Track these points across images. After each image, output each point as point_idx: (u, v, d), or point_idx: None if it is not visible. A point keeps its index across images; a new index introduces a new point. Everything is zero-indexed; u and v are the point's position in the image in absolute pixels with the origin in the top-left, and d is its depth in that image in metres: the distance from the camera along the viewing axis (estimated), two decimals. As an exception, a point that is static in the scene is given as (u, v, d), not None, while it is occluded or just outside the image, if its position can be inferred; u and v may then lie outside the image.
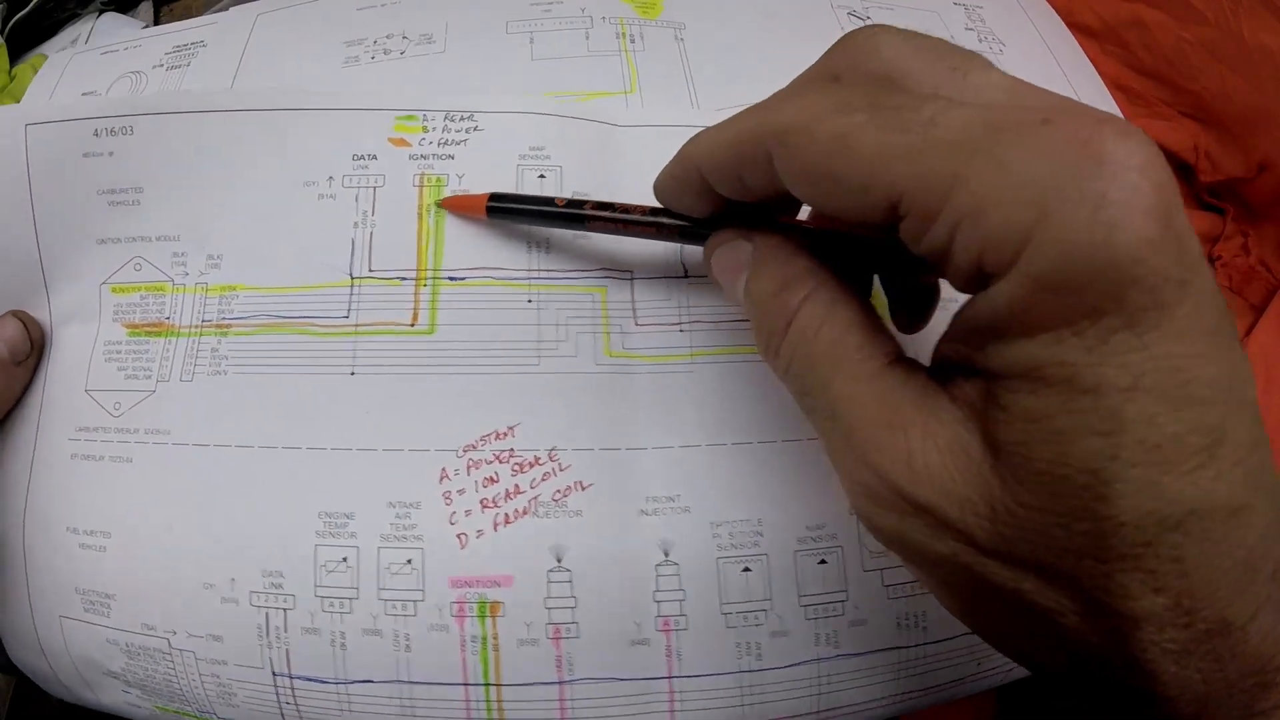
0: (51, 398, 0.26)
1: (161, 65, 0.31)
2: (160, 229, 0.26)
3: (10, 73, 0.36)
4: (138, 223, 0.26)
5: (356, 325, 0.25)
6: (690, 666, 0.24)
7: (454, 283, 0.25)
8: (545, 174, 0.27)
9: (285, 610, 0.24)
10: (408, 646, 0.23)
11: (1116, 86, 0.35)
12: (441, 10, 0.31)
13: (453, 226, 0.26)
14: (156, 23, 0.40)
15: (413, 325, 0.25)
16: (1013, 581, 0.14)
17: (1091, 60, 0.36)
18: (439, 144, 0.27)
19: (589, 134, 0.27)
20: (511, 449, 0.24)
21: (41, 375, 0.27)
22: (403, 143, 0.27)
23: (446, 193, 0.27)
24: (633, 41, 0.30)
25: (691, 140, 0.18)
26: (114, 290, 0.26)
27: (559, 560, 0.23)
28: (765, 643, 0.24)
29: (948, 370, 0.15)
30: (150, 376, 0.26)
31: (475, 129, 0.27)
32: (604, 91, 0.28)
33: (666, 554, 0.24)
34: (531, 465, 0.24)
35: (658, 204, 0.21)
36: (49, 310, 0.27)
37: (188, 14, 0.39)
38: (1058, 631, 0.14)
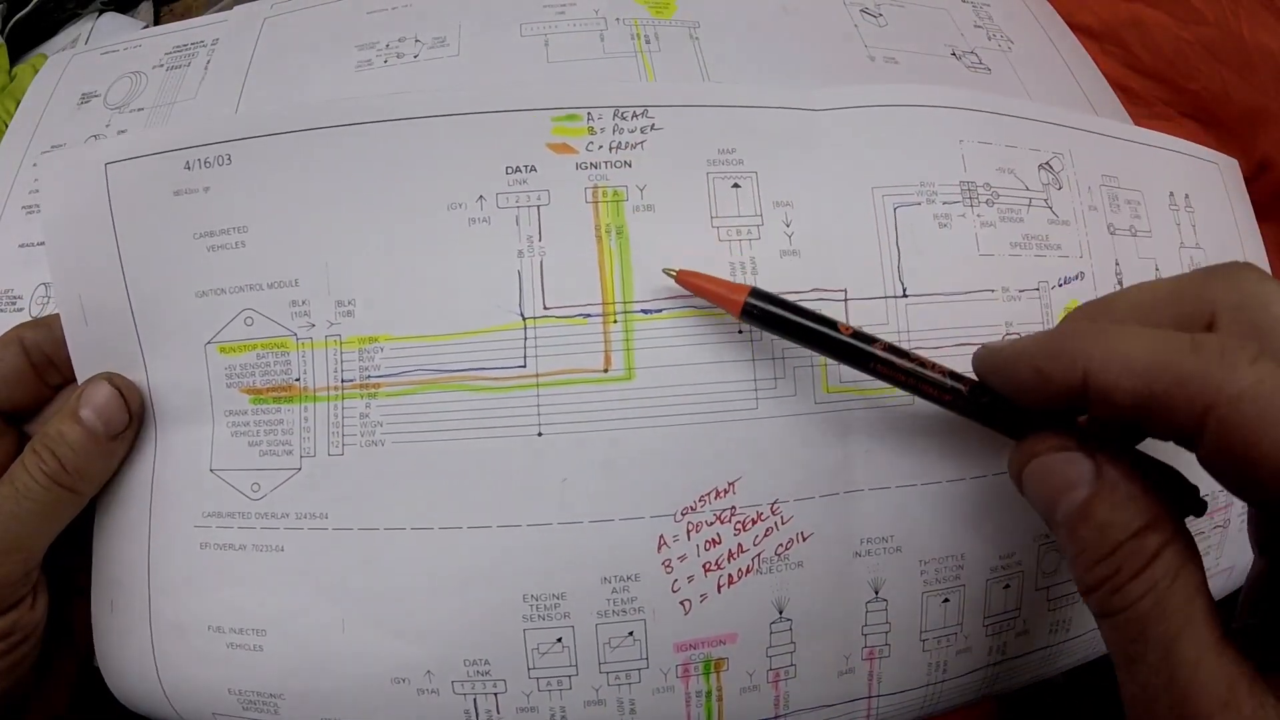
0: (165, 479, 0.20)
1: (161, 65, 0.28)
2: (272, 274, 0.20)
3: (10, 73, 0.33)
4: (244, 269, 0.20)
5: (538, 376, 0.20)
6: (888, 686, 0.23)
7: (649, 316, 0.21)
8: (740, 183, 0.22)
9: (496, 694, 0.21)
10: (632, 710, 0.21)
11: (1117, 87, 0.35)
12: (454, 13, 0.27)
13: (640, 248, 0.21)
14: (156, 23, 0.38)
15: (606, 371, 0.21)
16: None
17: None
18: (611, 148, 0.21)
19: (782, 125, 0.22)
20: (733, 507, 0.21)
21: (147, 452, 0.20)
22: (566, 149, 0.21)
23: (628, 209, 0.22)
24: (648, 42, 0.27)
25: (1083, 338, 0.16)
26: (222, 350, 0.20)
27: (780, 612, 0.21)
28: (951, 660, 0.23)
29: (1266, 650, 0.15)
30: (291, 451, 0.20)
31: (652, 127, 0.21)
32: None
33: (876, 592, 0.22)
34: (754, 522, 0.21)
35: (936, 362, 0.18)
36: (146, 374, 0.20)
37: (188, 14, 0.37)
38: None
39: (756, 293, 0.19)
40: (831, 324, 0.19)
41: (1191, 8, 0.38)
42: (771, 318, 0.19)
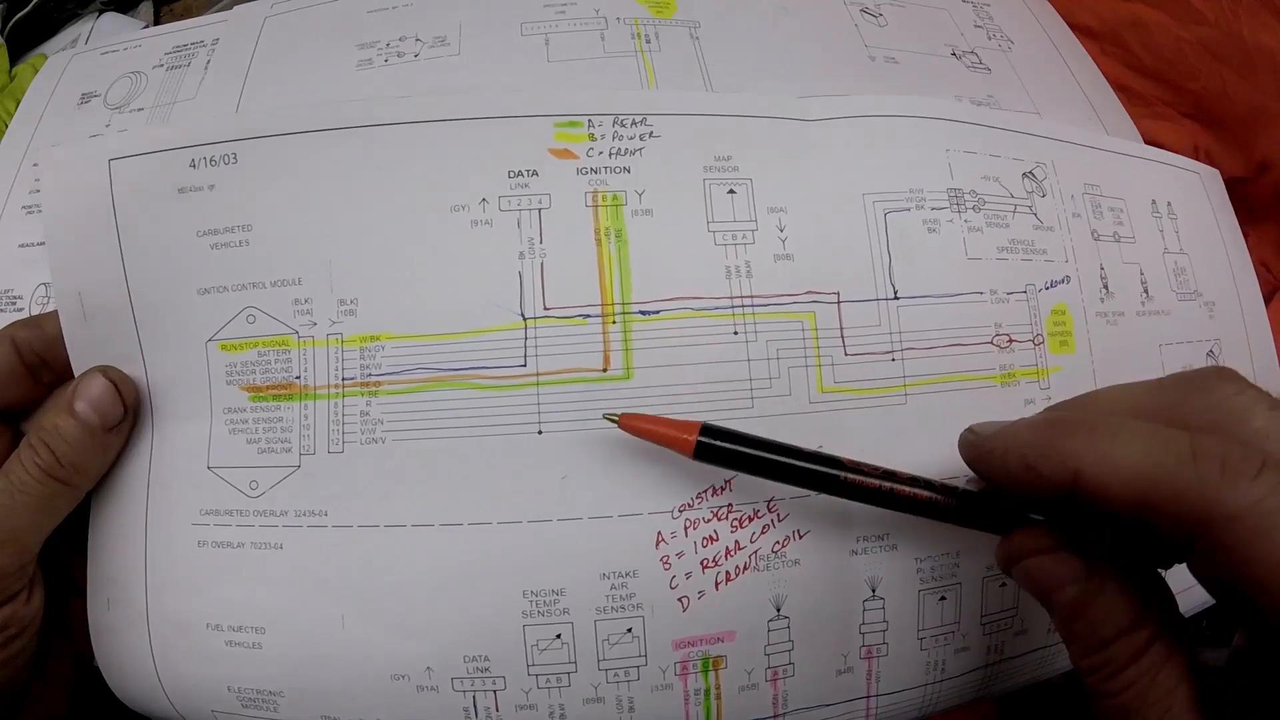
0: (162, 476, 0.20)
1: (161, 65, 0.28)
2: (275, 273, 0.20)
3: (10, 73, 0.33)
4: (247, 267, 0.20)
5: (538, 375, 0.20)
6: (887, 686, 0.23)
7: (647, 317, 0.21)
8: (735, 189, 0.22)
9: (495, 691, 0.21)
10: (631, 708, 0.21)
11: (1117, 87, 0.35)
12: (454, 13, 0.28)
13: (639, 251, 0.21)
14: (156, 23, 0.38)
15: (605, 370, 0.21)
16: None
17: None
18: (610, 154, 0.21)
19: (776, 135, 0.23)
20: (730, 504, 0.21)
21: (144, 448, 0.20)
22: (567, 154, 0.21)
23: (627, 213, 0.22)
24: (648, 42, 0.27)
25: (1076, 442, 0.16)
26: (223, 348, 0.20)
27: (778, 610, 0.22)
28: (950, 659, 0.24)
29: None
30: (290, 449, 0.20)
31: (651, 134, 0.21)
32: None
33: (874, 590, 0.22)
34: (750, 519, 0.21)
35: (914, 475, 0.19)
36: (145, 371, 0.20)
37: (188, 14, 0.36)
38: None
39: (709, 429, 0.18)
40: (793, 451, 0.19)
41: (1191, 8, 0.38)
42: (726, 454, 0.19)
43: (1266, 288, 0.40)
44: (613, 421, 0.19)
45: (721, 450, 0.19)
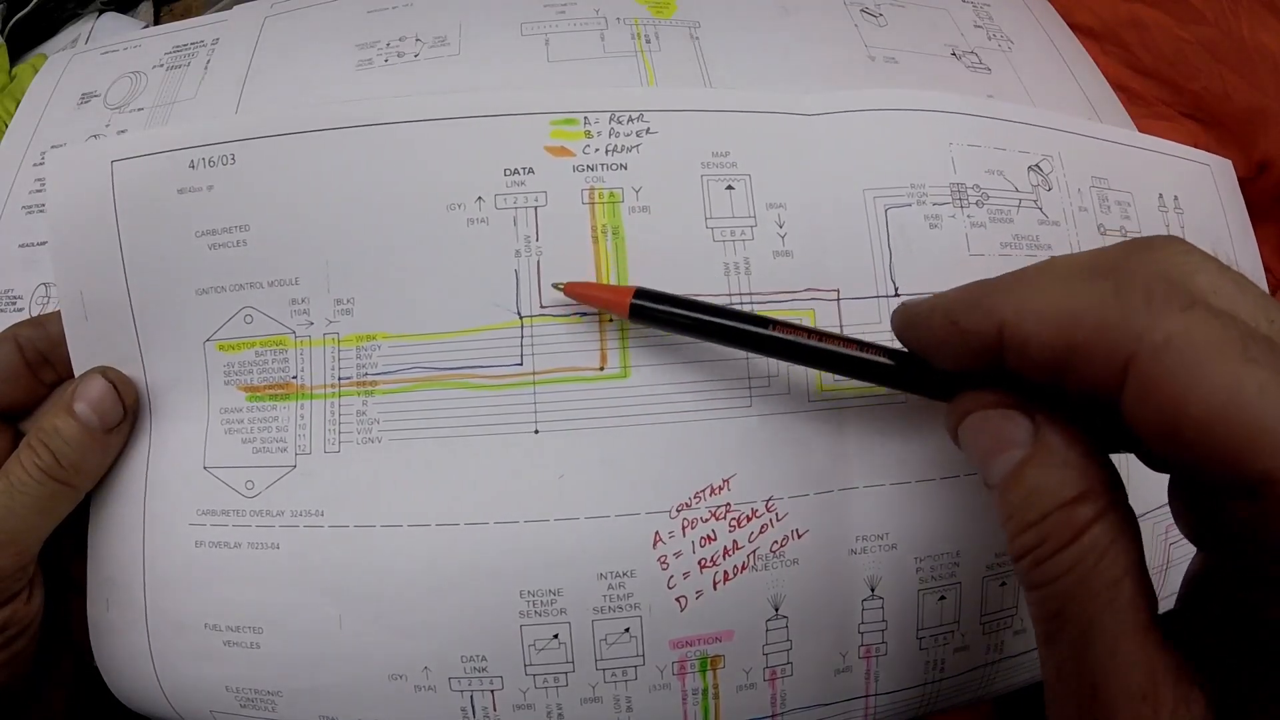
0: (160, 477, 0.20)
1: (161, 65, 0.28)
2: (273, 272, 0.20)
3: (10, 73, 0.33)
4: (245, 267, 0.20)
5: (535, 374, 0.21)
6: (885, 685, 0.24)
7: (645, 316, 0.22)
8: (733, 184, 0.22)
9: (493, 691, 0.21)
10: (629, 708, 0.21)
11: (1117, 87, 0.35)
12: (454, 13, 0.28)
13: (636, 248, 0.21)
14: (156, 23, 0.38)
15: (602, 369, 0.21)
16: None
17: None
18: (607, 151, 0.21)
19: (775, 130, 0.23)
20: (728, 504, 0.21)
21: (142, 449, 0.21)
22: (563, 151, 0.21)
23: (624, 210, 0.22)
24: (648, 42, 0.27)
25: (998, 292, 0.15)
26: (221, 348, 0.20)
27: (776, 609, 0.22)
28: (949, 658, 0.24)
29: (1194, 641, 0.14)
30: (286, 449, 0.20)
31: (648, 131, 0.22)
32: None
33: (873, 590, 0.22)
34: (749, 519, 0.21)
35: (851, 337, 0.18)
36: (144, 371, 0.20)
37: (188, 14, 0.37)
38: None
39: (641, 292, 0.19)
40: (723, 311, 0.19)
41: (1191, 8, 0.38)
42: (659, 314, 0.19)
43: (1267, 288, 0.40)
44: (558, 289, 0.20)
45: (654, 311, 0.19)
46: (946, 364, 0.17)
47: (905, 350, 0.18)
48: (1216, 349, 0.12)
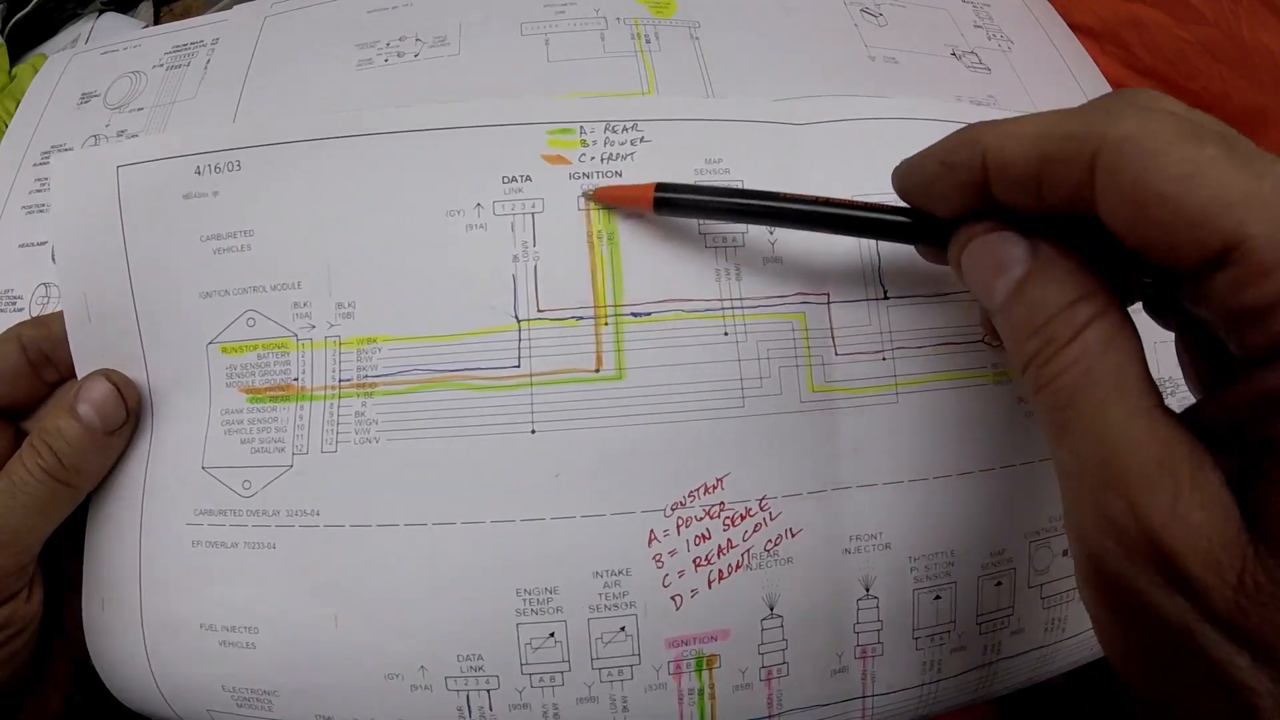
0: (158, 477, 0.21)
1: (161, 65, 0.28)
2: (276, 277, 0.20)
3: (10, 73, 0.33)
4: (249, 271, 0.20)
5: (531, 375, 0.21)
6: (882, 686, 0.24)
7: (639, 319, 0.21)
8: None
9: (489, 691, 0.21)
10: (625, 708, 0.21)
11: (1117, 87, 0.35)
12: (454, 12, 0.28)
13: (630, 254, 0.21)
14: (156, 23, 0.38)
15: (597, 371, 0.21)
16: (1226, 655, 0.13)
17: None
18: (602, 159, 0.22)
19: (767, 138, 0.23)
20: (722, 503, 0.21)
21: (141, 449, 0.21)
22: (560, 160, 0.22)
23: (619, 216, 0.22)
24: (648, 42, 0.27)
25: (982, 127, 0.16)
26: (224, 350, 0.20)
27: (771, 609, 0.22)
28: (945, 659, 0.24)
29: (1208, 433, 0.14)
30: (284, 449, 0.20)
31: (642, 139, 0.22)
32: (622, 93, 0.26)
33: (867, 589, 0.23)
34: (743, 518, 0.21)
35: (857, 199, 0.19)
36: (146, 373, 0.21)
37: (188, 14, 0.37)
38: (1247, 708, 0.14)
39: (664, 186, 0.21)
40: (738, 191, 0.20)
41: (1191, 8, 0.38)
42: (683, 203, 0.21)
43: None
44: (587, 195, 0.22)
45: (676, 200, 0.21)
46: (942, 210, 0.18)
47: (908, 207, 0.19)
48: (1171, 134, 0.13)
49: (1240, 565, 0.13)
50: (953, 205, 0.17)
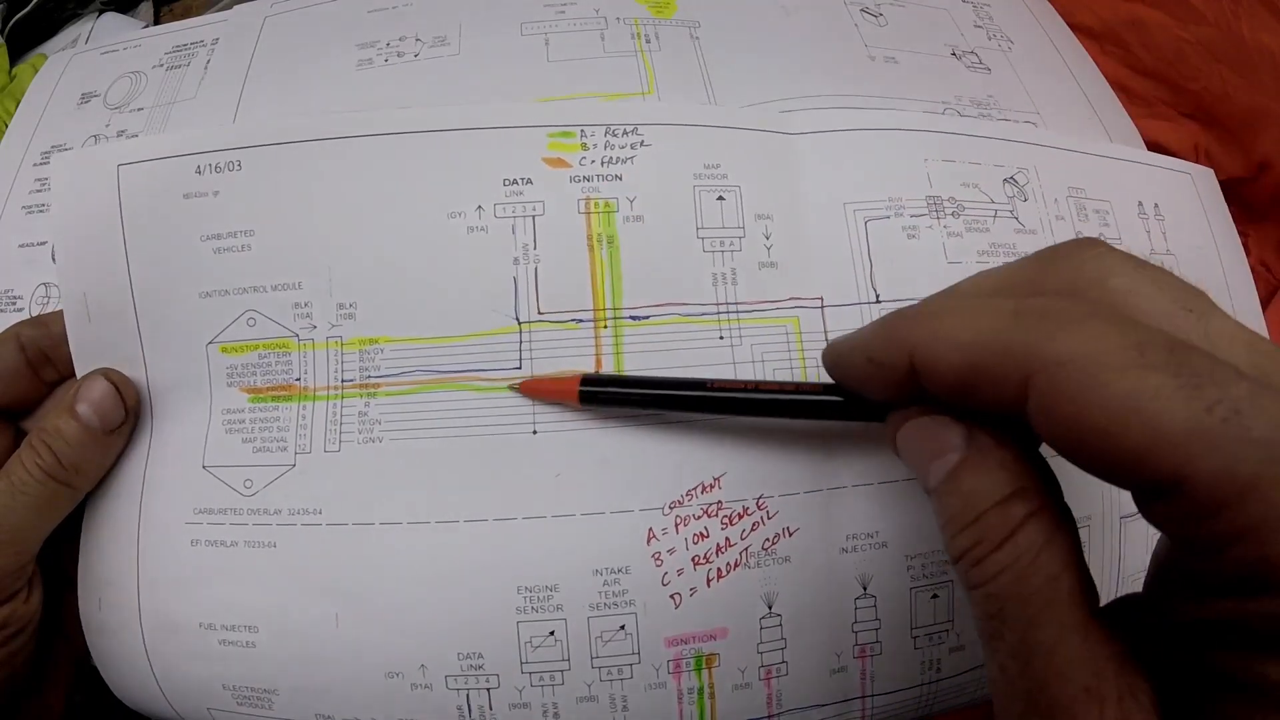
0: (157, 476, 0.21)
1: (161, 65, 0.28)
2: (276, 277, 0.20)
3: (10, 73, 0.33)
4: (249, 271, 0.20)
5: (532, 377, 0.21)
6: (881, 686, 0.24)
7: (637, 322, 0.21)
8: (724, 195, 0.22)
9: (489, 690, 0.21)
10: (625, 707, 0.21)
11: (1117, 87, 0.35)
12: (454, 12, 0.28)
13: (629, 257, 0.21)
14: (156, 23, 0.38)
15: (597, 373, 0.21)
16: None
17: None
18: (603, 162, 0.22)
19: (764, 145, 0.23)
20: (719, 501, 0.21)
21: (140, 448, 0.21)
22: (561, 163, 0.22)
23: (619, 219, 0.22)
24: (648, 41, 0.27)
25: (907, 322, 0.16)
26: (224, 350, 0.20)
27: (770, 607, 0.22)
28: (945, 658, 0.24)
29: (1146, 631, 0.14)
30: (286, 448, 0.20)
31: (642, 143, 0.22)
32: (622, 93, 0.26)
33: (865, 588, 0.23)
34: (740, 516, 0.22)
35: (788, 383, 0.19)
36: (145, 372, 0.21)
37: (188, 14, 0.37)
38: None
39: (587, 378, 0.21)
40: (665, 382, 0.20)
41: (1191, 8, 0.38)
42: (607, 397, 0.20)
43: (1267, 288, 0.40)
44: (514, 390, 0.21)
45: (601, 394, 0.20)
46: (875, 396, 0.17)
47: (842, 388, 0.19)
48: (1111, 360, 0.12)
49: None
50: (885, 395, 0.17)
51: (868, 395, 0.17)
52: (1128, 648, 0.14)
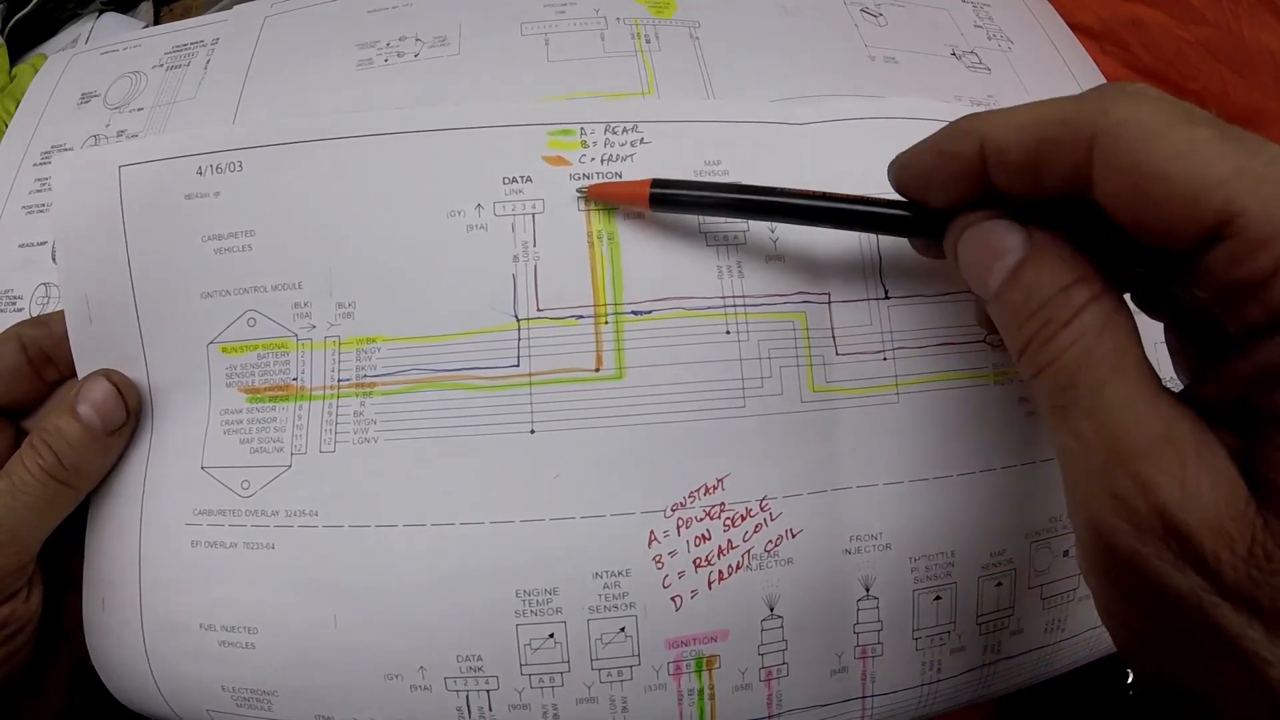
0: (158, 477, 0.21)
1: (161, 65, 0.28)
2: (276, 277, 0.20)
3: (10, 73, 0.33)
4: (250, 271, 0.20)
5: (531, 375, 0.21)
6: (881, 686, 0.24)
7: (639, 317, 0.21)
8: None
9: (488, 691, 0.21)
10: (624, 708, 0.21)
11: (1117, 87, 0.35)
12: (454, 12, 0.28)
13: (630, 252, 0.21)
14: (156, 23, 0.38)
15: (597, 370, 0.21)
16: (1238, 627, 0.13)
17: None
18: (602, 160, 0.22)
19: (765, 138, 0.23)
20: (722, 503, 0.21)
21: (141, 449, 0.21)
22: (560, 161, 0.22)
23: (619, 216, 0.22)
24: (648, 42, 0.27)
25: (977, 116, 0.17)
26: (224, 350, 0.20)
27: (771, 609, 0.22)
28: (945, 659, 0.24)
29: (1206, 411, 0.15)
30: (282, 449, 0.20)
31: (641, 141, 0.22)
32: (622, 93, 0.26)
33: (868, 590, 0.23)
34: (743, 518, 0.21)
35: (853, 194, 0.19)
36: (146, 373, 0.21)
37: (188, 14, 0.37)
38: (1260, 681, 0.14)
39: (659, 182, 0.20)
40: (734, 186, 0.20)
41: (1191, 8, 0.38)
42: (680, 199, 0.20)
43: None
44: (581, 193, 0.21)
45: (673, 196, 0.20)
46: (939, 200, 0.18)
47: (905, 201, 0.19)
48: (1166, 118, 0.14)
49: (1250, 537, 0.13)
50: (950, 195, 0.18)
51: (933, 199, 0.18)
52: (1198, 415, 0.14)
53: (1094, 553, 0.15)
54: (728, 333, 0.22)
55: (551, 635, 0.21)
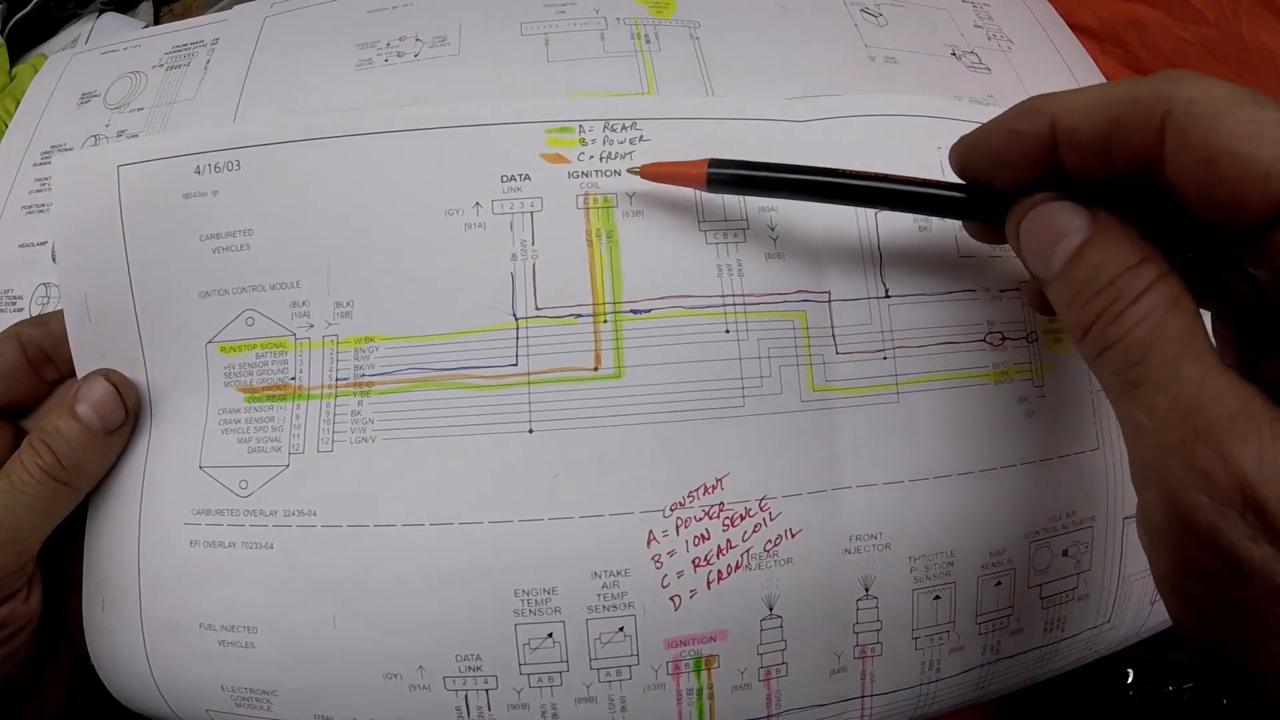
0: (156, 477, 0.21)
1: (161, 65, 0.28)
2: (275, 276, 0.20)
3: (10, 73, 0.33)
4: (248, 270, 0.20)
5: (529, 374, 0.21)
6: (880, 686, 0.24)
7: (639, 316, 0.21)
8: None
9: (487, 690, 0.21)
10: (624, 708, 0.21)
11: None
12: (454, 12, 0.28)
13: (629, 251, 0.21)
14: (156, 23, 0.38)
15: (596, 369, 0.21)
16: None
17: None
18: (601, 158, 0.22)
19: (767, 136, 0.23)
20: (722, 503, 0.21)
21: (140, 449, 0.21)
22: (559, 159, 0.22)
23: (618, 214, 0.22)
24: (648, 42, 0.27)
25: (1047, 97, 0.17)
26: (222, 349, 0.20)
27: (771, 609, 0.22)
28: (945, 659, 0.24)
29: (1269, 392, 0.15)
30: (280, 449, 0.20)
31: (641, 139, 0.22)
32: (622, 93, 0.26)
33: (867, 589, 0.22)
34: (742, 518, 0.21)
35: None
36: (145, 372, 0.21)
37: (188, 14, 0.37)
38: None
39: (717, 161, 0.20)
40: (793, 167, 0.20)
41: (1191, 8, 0.38)
42: (739, 179, 0.20)
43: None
44: (634, 173, 0.21)
45: (732, 176, 0.20)
46: (1004, 180, 0.18)
47: (964, 183, 0.19)
48: (1235, 100, 0.14)
49: None
50: (1017, 175, 0.18)
51: (998, 179, 0.18)
52: (1261, 389, 0.15)
53: (1167, 528, 0.15)
54: (727, 332, 0.22)
55: (550, 635, 0.21)
